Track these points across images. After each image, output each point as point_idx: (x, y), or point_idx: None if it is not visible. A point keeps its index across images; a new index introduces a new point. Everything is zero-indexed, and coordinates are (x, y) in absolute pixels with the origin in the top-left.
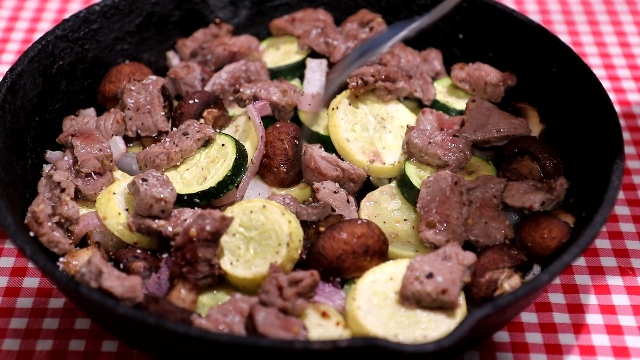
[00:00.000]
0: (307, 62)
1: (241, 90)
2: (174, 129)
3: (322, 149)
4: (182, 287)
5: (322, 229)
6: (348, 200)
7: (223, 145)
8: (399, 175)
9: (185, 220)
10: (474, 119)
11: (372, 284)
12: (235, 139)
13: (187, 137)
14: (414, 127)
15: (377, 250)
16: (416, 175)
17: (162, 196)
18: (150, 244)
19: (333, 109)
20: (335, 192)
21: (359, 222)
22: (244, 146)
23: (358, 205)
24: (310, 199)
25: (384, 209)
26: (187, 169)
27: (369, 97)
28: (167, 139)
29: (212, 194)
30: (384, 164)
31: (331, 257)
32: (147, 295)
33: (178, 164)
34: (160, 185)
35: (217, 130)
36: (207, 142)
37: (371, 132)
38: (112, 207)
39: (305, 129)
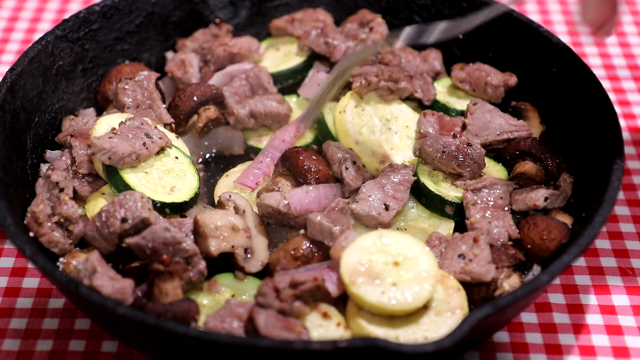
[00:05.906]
0: (314, 64)
1: (235, 111)
2: (132, 122)
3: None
4: (160, 282)
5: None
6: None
7: (177, 158)
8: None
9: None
10: (476, 122)
11: None
12: (189, 157)
13: (152, 141)
14: (427, 134)
15: None
16: (430, 180)
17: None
18: None
19: (340, 112)
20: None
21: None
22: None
23: None
24: None
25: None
26: (146, 172)
27: (372, 98)
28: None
29: (182, 207)
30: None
31: None
32: (136, 299)
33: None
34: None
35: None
36: (160, 150)
37: (377, 135)
38: (100, 208)
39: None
